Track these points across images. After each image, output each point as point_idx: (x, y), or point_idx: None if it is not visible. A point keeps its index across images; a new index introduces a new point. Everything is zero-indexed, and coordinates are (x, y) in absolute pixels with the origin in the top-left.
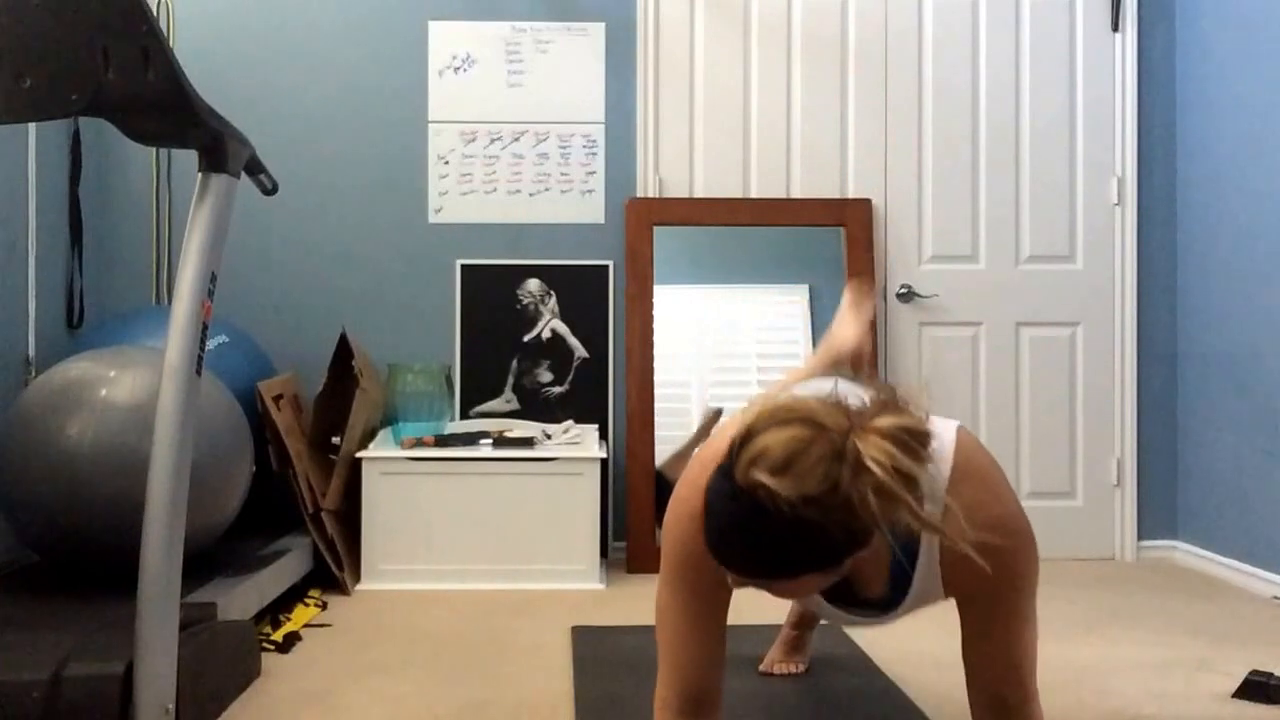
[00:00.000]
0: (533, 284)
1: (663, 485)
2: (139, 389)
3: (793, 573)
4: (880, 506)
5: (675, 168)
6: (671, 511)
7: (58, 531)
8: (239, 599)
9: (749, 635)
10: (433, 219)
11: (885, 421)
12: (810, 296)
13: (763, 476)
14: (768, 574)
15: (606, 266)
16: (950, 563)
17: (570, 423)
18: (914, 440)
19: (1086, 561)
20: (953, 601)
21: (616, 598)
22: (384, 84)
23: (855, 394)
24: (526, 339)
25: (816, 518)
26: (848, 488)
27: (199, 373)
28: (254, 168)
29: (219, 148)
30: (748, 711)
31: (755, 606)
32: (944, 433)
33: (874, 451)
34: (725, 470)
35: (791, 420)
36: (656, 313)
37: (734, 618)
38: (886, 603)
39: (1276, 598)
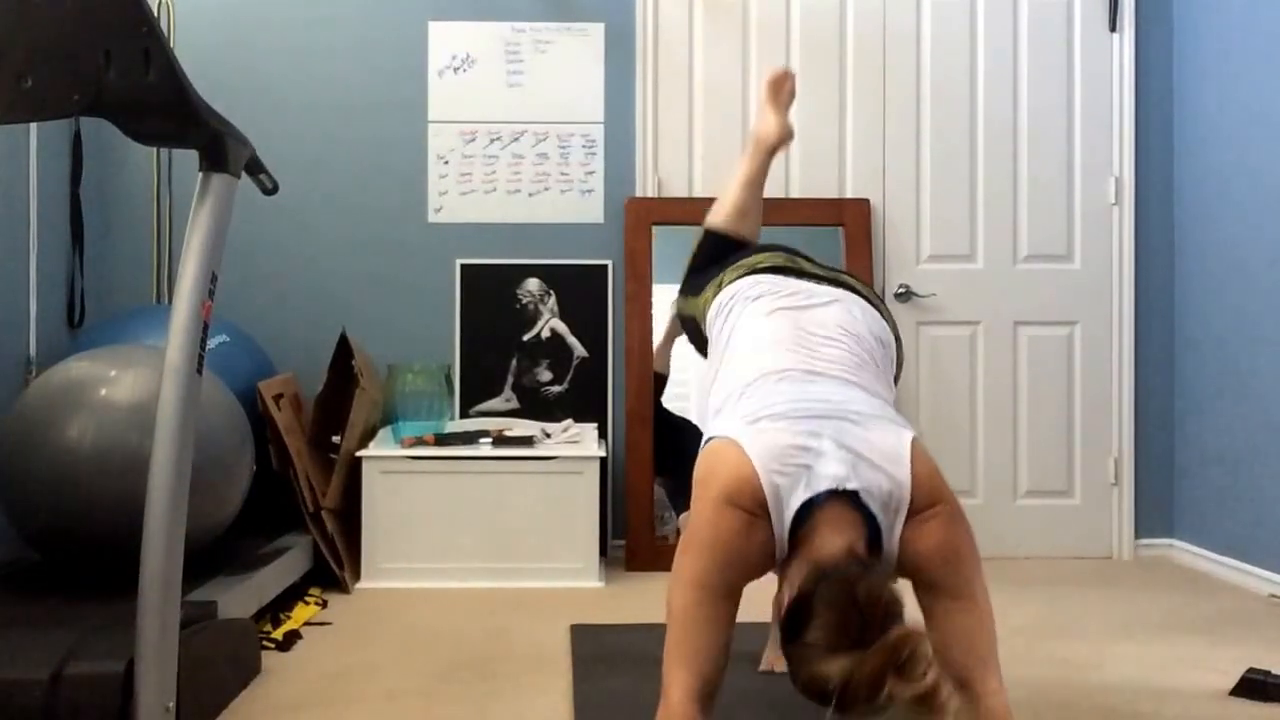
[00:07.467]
0: (532, 283)
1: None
2: (139, 389)
3: None
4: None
5: (674, 167)
6: (710, 522)
7: (58, 531)
8: (239, 597)
9: (749, 633)
10: (432, 218)
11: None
12: None
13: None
14: None
15: (606, 266)
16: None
17: (569, 421)
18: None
19: (1084, 560)
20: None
21: (616, 596)
22: (384, 84)
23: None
24: (526, 338)
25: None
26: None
27: (199, 372)
28: (254, 167)
29: (219, 148)
30: (747, 710)
31: (754, 605)
32: (898, 463)
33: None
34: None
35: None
36: (655, 312)
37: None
38: None
39: (1273, 595)
